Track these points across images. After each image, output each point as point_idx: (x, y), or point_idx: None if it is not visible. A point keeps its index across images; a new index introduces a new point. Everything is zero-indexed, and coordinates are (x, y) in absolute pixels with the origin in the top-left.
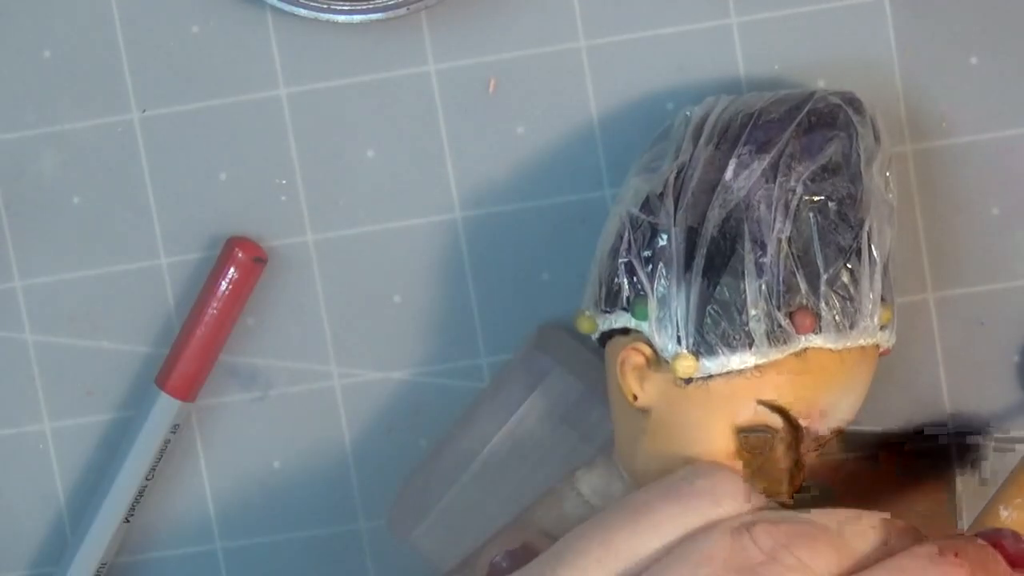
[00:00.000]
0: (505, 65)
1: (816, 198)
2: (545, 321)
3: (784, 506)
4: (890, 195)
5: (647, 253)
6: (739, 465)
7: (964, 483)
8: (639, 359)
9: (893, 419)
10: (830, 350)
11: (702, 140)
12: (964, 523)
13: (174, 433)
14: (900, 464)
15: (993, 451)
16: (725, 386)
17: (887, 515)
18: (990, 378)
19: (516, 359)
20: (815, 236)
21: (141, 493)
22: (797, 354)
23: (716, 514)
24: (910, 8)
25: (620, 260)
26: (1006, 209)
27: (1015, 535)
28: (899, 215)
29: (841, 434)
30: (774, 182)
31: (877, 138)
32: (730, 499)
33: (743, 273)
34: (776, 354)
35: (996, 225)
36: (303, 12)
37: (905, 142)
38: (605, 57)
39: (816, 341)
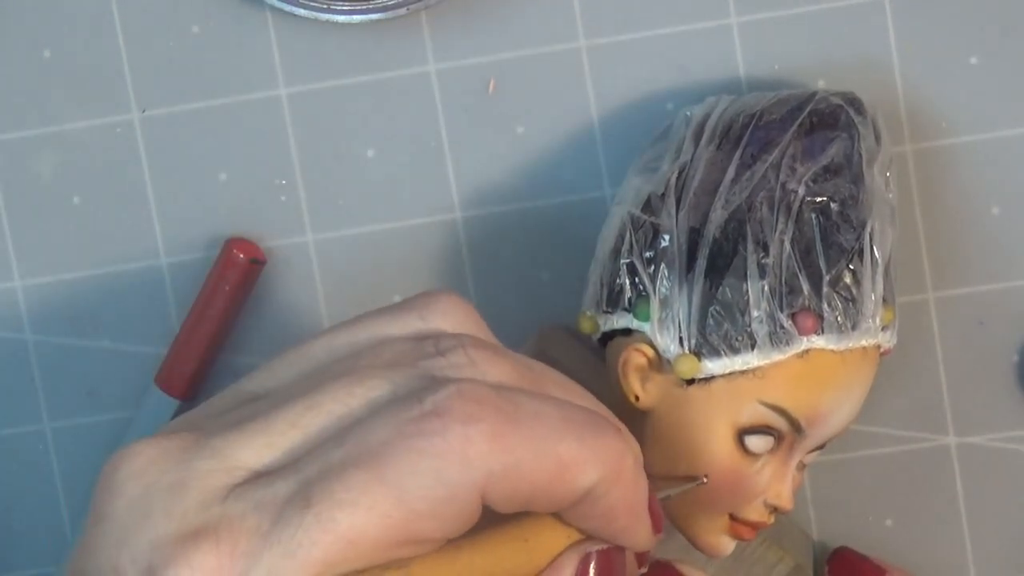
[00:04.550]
0: (505, 65)
1: (818, 199)
2: (545, 321)
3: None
4: (891, 195)
5: (649, 254)
6: (743, 466)
7: (966, 490)
8: (641, 360)
9: (893, 419)
10: (832, 351)
11: (703, 141)
12: (966, 534)
13: None
14: None
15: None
16: (727, 387)
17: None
18: (990, 378)
19: None
20: (817, 237)
21: None
22: (799, 355)
23: (417, 327)
24: (910, 8)
25: (622, 261)
26: (1006, 209)
27: None
28: (899, 215)
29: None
30: (776, 183)
31: (878, 138)
32: (440, 316)
33: (745, 274)
34: (778, 355)
35: (996, 225)
36: (303, 12)
37: (905, 142)
38: (605, 57)
39: (818, 342)
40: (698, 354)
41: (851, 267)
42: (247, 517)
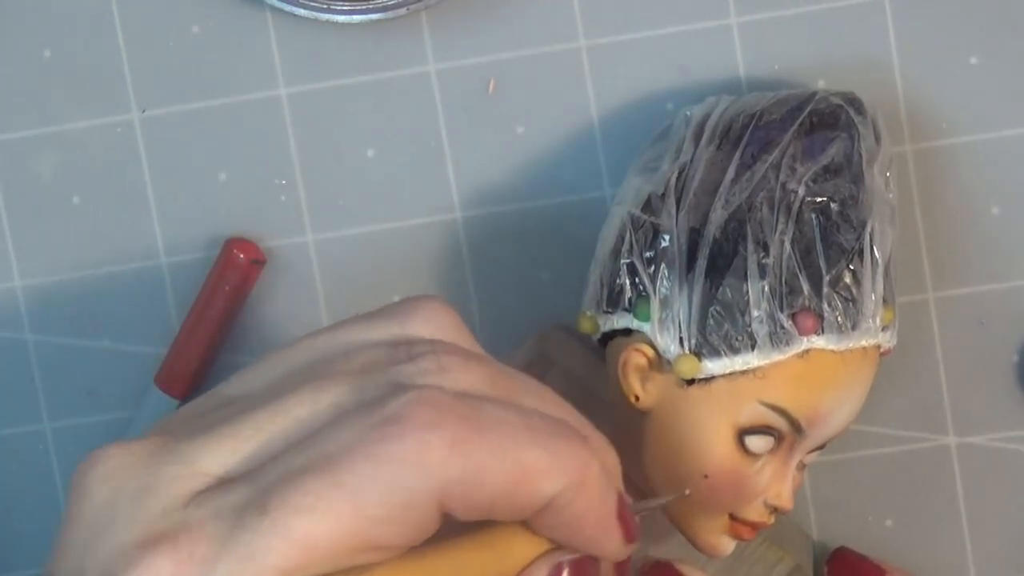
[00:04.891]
0: (505, 65)
1: (818, 199)
2: (545, 321)
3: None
4: (891, 195)
5: (649, 254)
6: (743, 466)
7: (966, 490)
8: (641, 360)
9: (893, 419)
10: (832, 351)
11: (703, 141)
12: (966, 534)
13: None
14: None
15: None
16: (727, 387)
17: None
18: (990, 378)
19: (516, 359)
20: (817, 237)
21: None
22: (799, 355)
23: (395, 333)
24: (910, 8)
25: (622, 261)
26: (1006, 209)
27: None
28: (899, 215)
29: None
30: (776, 183)
31: (878, 138)
32: (421, 322)
33: (746, 274)
34: (778, 355)
35: (996, 225)
36: (303, 12)
37: (905, 142)
38: (605, 57)
39: (818, 342)
40: (698, 354)
41: (851, 267)
42: (206, 523)
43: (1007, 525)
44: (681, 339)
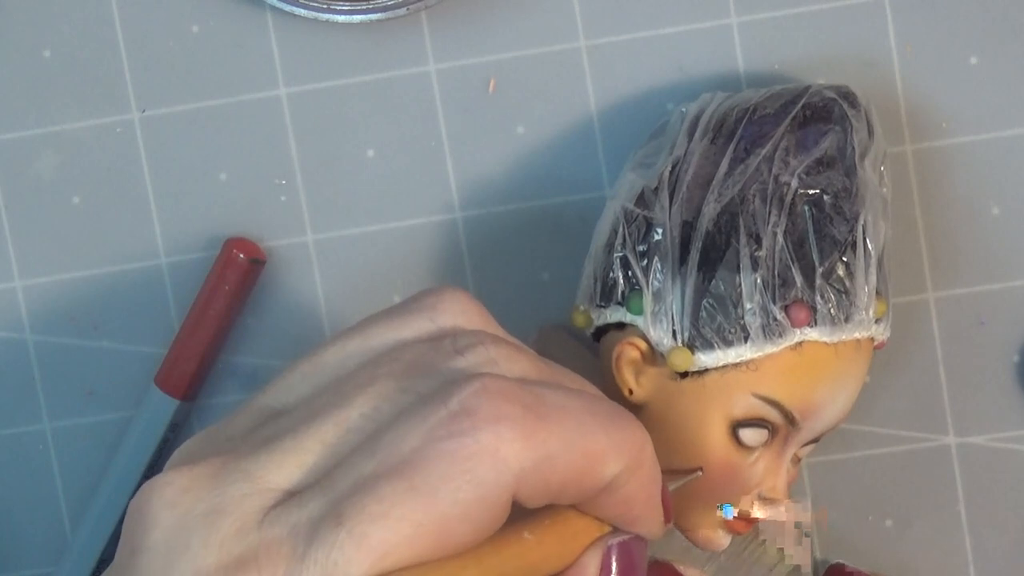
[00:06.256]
0: (505, 65)
1: (811, 191)
2: (545, 321)
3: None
4: (884, 189)
5: (642, 247)
6: (737, 459)
7: (966, 490)
8: (634, 353)
9: (893, 419)
10: (825, 343)
11: (697, 135)
12: (966, 533)
13: (173, 432)
14: None
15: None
16: (720, 380)
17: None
18: (990, 378)
19: None
20: (810, 229)
21: None
22: (792, 347)
23: (428, 328)
24: (910, 8)
25: (615, 255)
26: (1006, 209)
27: None
28: (899, 215)
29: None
30: (769, 176)
31: (871, 132)
32: (449, 315)
33: (738, 267)
34: (771, 348)
35: (996, 225)
36: (303, 12)
37: (905, 142)
38: (605, 57)
39: (811, 334)
40: (691, 347)
41: (844, 259)
42: (284, 541)
43: (1007, 525)
44: (674, 332)
